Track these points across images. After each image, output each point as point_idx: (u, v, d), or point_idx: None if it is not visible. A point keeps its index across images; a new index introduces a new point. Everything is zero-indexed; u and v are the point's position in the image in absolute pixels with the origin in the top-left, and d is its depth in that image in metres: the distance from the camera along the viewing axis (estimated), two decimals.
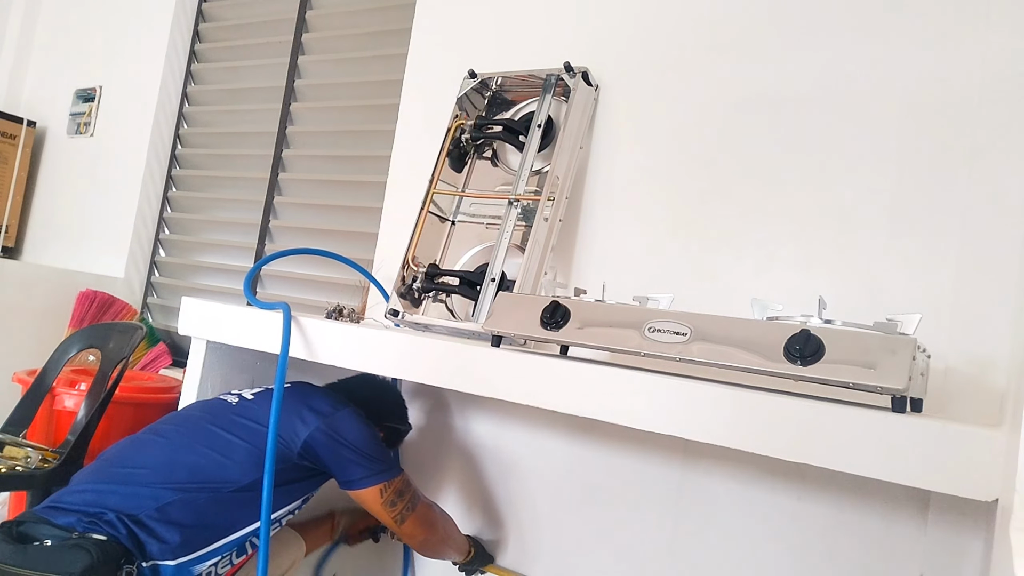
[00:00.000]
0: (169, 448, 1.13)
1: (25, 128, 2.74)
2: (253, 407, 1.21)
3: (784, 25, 1.34)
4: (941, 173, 1.17)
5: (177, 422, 1.21)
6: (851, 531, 1.15)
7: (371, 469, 1.17)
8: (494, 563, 1.50)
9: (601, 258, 1.48)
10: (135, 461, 1.11)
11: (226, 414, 1.19)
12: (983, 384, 1.08)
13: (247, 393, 1.26)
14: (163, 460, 1.11)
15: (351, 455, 1.16)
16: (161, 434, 1.18)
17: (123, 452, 1.15)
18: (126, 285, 2.51)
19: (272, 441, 1.09)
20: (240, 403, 1.22)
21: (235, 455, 1.12)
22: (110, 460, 1.13)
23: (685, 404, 0.86)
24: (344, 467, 1.16)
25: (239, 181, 2.40)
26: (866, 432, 0.75)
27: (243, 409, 1.20)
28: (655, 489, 1.33)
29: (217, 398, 1.28)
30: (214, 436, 1.14)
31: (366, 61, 2.15)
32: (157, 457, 1.11)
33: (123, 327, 1.81)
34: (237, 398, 1.25)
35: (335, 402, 1.22)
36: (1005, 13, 1.15)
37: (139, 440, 1.18)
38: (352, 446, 1.17)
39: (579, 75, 1.46)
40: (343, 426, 1.18)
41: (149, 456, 1.12)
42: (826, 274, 1.24)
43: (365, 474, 1.17)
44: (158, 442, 1.16)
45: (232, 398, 1.25)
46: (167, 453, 1.12)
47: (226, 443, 1.13)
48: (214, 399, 1.28)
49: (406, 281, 1.47)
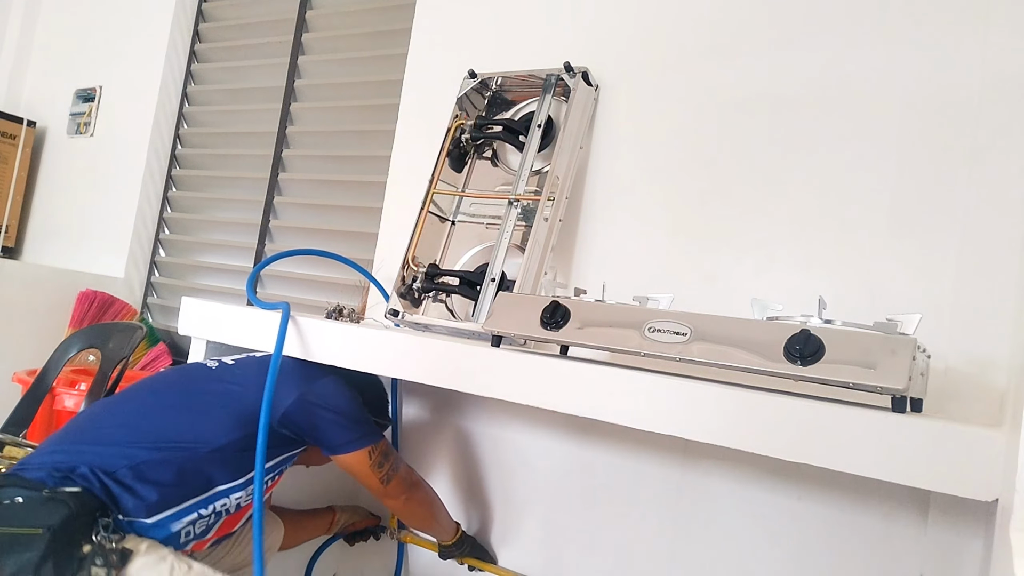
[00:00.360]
0: (143, 408, 1.12)
1: (25, 128, 2.74)
2: (233, 370, 1.20)
3: (784, 25, 1.34)
4: (941, 173, 1.17)
5: (152, 386, 1.20)
6: (851, 531, 1.15)
7: (357, 432, 1.18)
8: (494, 562, 1.50)
9: (601, 258, 1.48)
10: (107, 421, 1.10)
11: (205, 377, 1.19)
12: (983, 384, 1.08)
13: (228, 359, 1.25)
14: (137, 420, 1.09)
15: (335, 419, 1.17)
16: (134, 397, 1.16)
17: (94, 414, 1.14)
18: (126, 285, 2.51)
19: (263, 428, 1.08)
20: (220, 367, 1.22)
21: (212, 415, 1.11)
22: (79, 424, 1.11)
23: (685, 404, 0.86)
24: (328, 432, 1.16)
25: (239, 181, 2.40)
26: (866, 432, 0.75)
27: (222, 372, 1.19)
28: (655, 489, 1.33)
29: (197, 362, 1.27)
30: (191, 397, 1.14)
31: (366, 61, 2.15)
32: (130, 417, 1.10)
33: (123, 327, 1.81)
34: (217, 363, 1.24)
35: (316, 371, 1.21)
36: (1005, 13, 1.15)
37: (111, 402, 1.17)
38: (335, 410, 1.17)
39: (579, 75, 1.46)
40: (325, 392, 1.18)
41: (121, 416, 1.11)
42: (826, 274, 1.24)
43: (351, 437, 1.18)
44: (131, 403, 1.15)
45: (212, 363, 1.24)
46: (141, 413, 1.11)
47: (203, 404, 1.13)
48: (194, 363, 1.27)
49: (406, 281, 1.47)
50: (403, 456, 1.63)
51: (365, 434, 1.19)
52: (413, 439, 1.64)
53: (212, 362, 1.25)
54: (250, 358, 1.25)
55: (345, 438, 1.17)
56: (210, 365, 1.23)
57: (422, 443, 1.63)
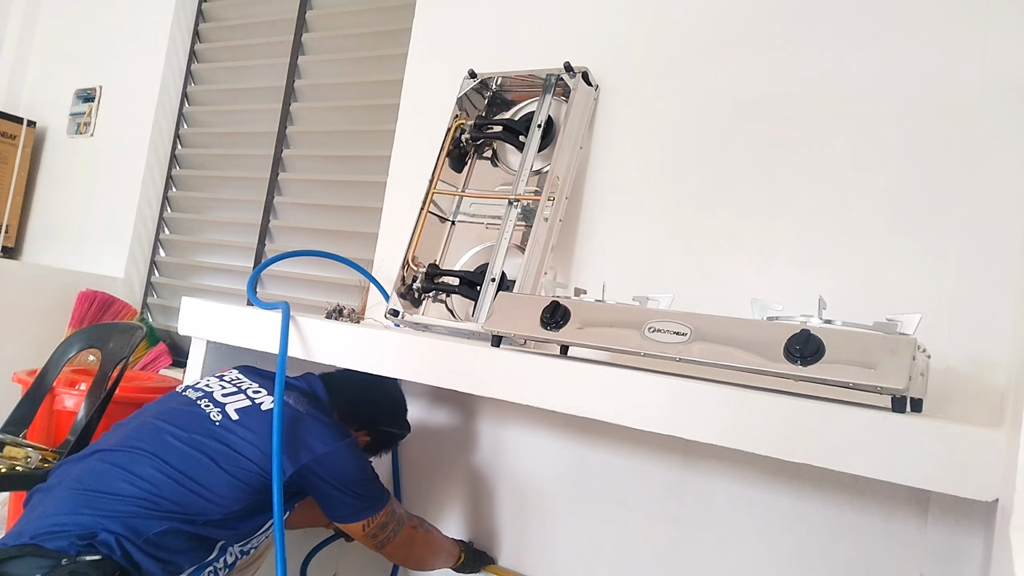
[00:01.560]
0: (155, 473, 1.08)
1: (25, 128, 2.74)
2: (239, 432, 1.14)
3: (784, 25, 1.34)
4: (941, 173, 1.17)
5: (155, 441, 1.13)
6: (851, 531, 1.15)
7: (355, 508, 1.17)
8: (494, 563, 1.50)
9: (601, 258, 1.48)
10: (116, 488, 1.05)
11: (208, 435, 1.13)
12: (983, 384, 1.08)
13: (231, 408, 1.19)
14: (150, 486, 1.06)
15: (338, 494, 1.15)
16: (143, 456, 1.10)
17: (99, 474, 1.08)
18: (126, 285, 2.51)
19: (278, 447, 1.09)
20: (224, 423, 1.16)
21: (219, 488, 1.08)
22: (85, 484, 1.06)
23: (685, 404, 0.86)
24: (329, 503, 1.16)
25: (239, 181, 2.40)
26: (866, 432, 0.75)
27: (226, 433, 1.14)
28: (655, 489, 1.33)
29: (196, 405, 1.20)
30: (195, 465, 1.09)
31: (366, 61, 2.15)
32: (137, 486, 1.06)
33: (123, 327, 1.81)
34: (220, 413, 1.18)
35: (330, 434, 1.18)
36: (1005, 13, 1.15)
37: (114, 459, 1.11)
38: (340, 487, 1.15)
39: (579, 75, 1.46)
40: (334, 466, 1.15)
41: (129, 484, 1.06)
42: (826, 274, 1.24)
43: (350, 512, 1.17)
44: (136, 466, 1.09)
45: (215, 412, 1.18)
46: (154, 479, 1.07)
47: (208, 473, 1.09)
48: (193, 404, 1.20)
49: (406, 281, 1.47)
50: (402, 457, 1.64)
51: (363, 508, 1.18)
52: (413, 439, 1.64)
53: (215, 411, 1.18)
54: (254, 409, 1.19)
55: (343, 511, 1.17)
56: (213, 417, 1.17)
57: (422, 443, 1.63)
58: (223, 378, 1.28)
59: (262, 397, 1.21)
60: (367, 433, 1.35)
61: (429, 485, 1.60)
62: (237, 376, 1.29)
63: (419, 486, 1.62)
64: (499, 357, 1.02)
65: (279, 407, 1.11)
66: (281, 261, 2.24)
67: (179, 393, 1.26)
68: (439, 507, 1.58)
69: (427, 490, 1.60)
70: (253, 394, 1.22)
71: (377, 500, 1.20)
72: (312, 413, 1.19)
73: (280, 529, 1.08)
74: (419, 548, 1.31)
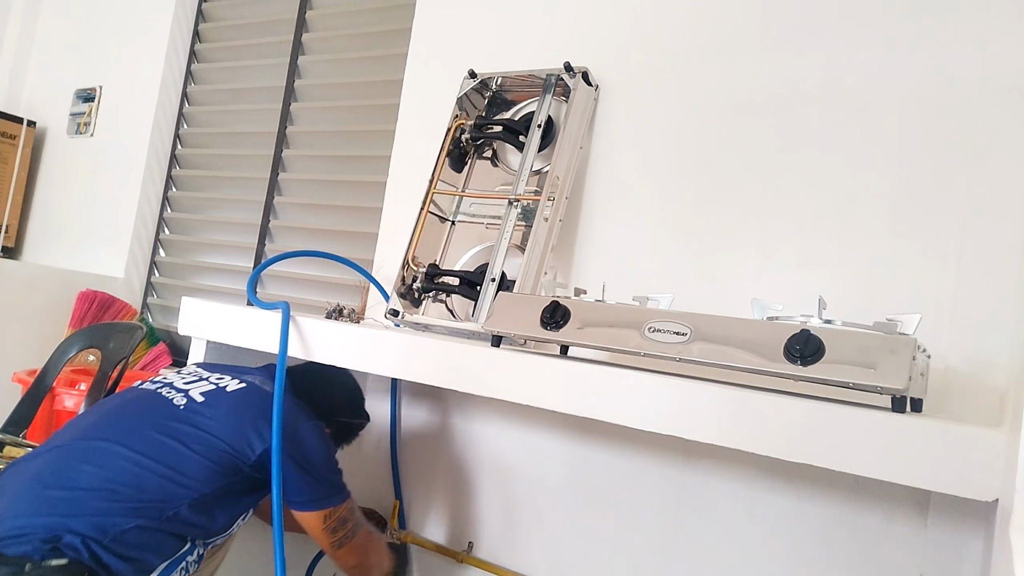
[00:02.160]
0: (118, 465, 1.03)
1: (25, 128, 2.74)
2: (204, 411, 1.12)
3: (784, 25, 1.34)
4: (941, 173, 1.17)
5: (117, 429, 1.09)
6: (851, 531, 1.15)
7: (318, 493, 1.14)
8: (407, 553, 1.54)
9: (601, 258, 1.48)
10: (78, 482, 1.01)
11: (172, 419, 1.10)
12: (983, 384, 1.08)
13: (195, 392, 1.16)
14: (113, 483, 1.01)
15: (303, 475, 1.12)
16: (99, 448, 1.06)
17: (59, 470, 1.03)
18: (126, 285, 2.51)
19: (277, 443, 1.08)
20: (189, 406, 1.13)
21: (187, 470, 1.05)
22: (45, 481, 1.01)
23: (685, 404, 0.86)
24: (292, 485, 1.11)
25: (239, 181, 2.40)
26: (866, 432, 0.75)
27: (192, 415, 1.11)
28: (655, 489, 1.33)
29: (157, 393, 1.16)
30: (164, 450, 1.06)
31: (366, 61, 2.15)
32: (106, 477, 1.01)
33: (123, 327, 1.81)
34: (184, 397, 1.15)
35: (300, 413, 1.16)
36: (1005, 13, 1.15)
37: (74, 452, 1.06)
38: (306, 465, 1.12)
39: (579, 75, 1.46)
40: (303, 442, 1.13)
41: (92, 476, 1.01)
42: (826, 274, 1.24)
43: (311, 497, 1.14)
44: (98, 457, 1.04)
45: (178, 397, 1.15)
46: (117, 472, 1.02)
47: (175, 455, 1.05)
48: (153, 392, 1.17)
49: (406, 281, 1.47)
50: (402, 457, 1.64)
51: (326, 495, 1.15)
52: (413, 439, 1.64)
53: (178, 396, 1.15)
54: (219, 391, 1.16)
55: (304, 496, 1.13)
56: (177, 402, 1.14)
57: (422, 443, 1.63)
58: (180, 372, 1.27)
59: (226, 381, 1.20)
60: (327, 425, 1.32)
61: (429, 485, 1.60)
62: (195, 369, 1.28)
63: (419, 486, 1.62)
64: (499, 357, 1.02)
65: (279, 406, 1.10)
66: (281, 261, 2.24)
67: (136, 387, 1.24)
68: (439, 507, 1.59)
69: (427, 490, 1.60)
70: (216, 380, 1.21)
71: (341, 490, 1.18)
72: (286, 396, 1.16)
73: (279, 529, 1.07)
74: (372, 556, 1.29)
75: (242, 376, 1.22)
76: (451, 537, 1.56)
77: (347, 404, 1.39)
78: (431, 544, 1.56)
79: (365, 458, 1.68)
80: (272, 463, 1.07)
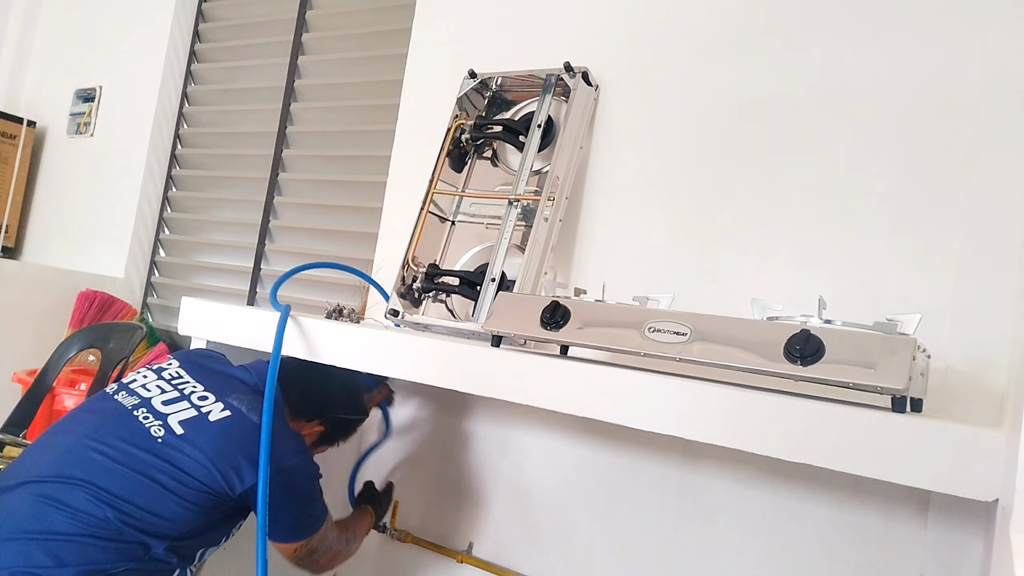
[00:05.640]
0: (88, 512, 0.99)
1: (25, 128, 2.74)
2: (184, 449, 1.06)
3: (784, 25, 1.34)
4: (941, 173, 1.17)
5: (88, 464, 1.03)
6: (851, 531, 1.15)
7: (295, 528, 1.15)
8: (390, 492, 1.57)
9: (601, 258, 1.48)
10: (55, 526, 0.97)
11: (148, 454, 1.05)
12: (983, 384, 1.08)
13: (174, 420, 1.09)
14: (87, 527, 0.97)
15: (281, 514, 1.11)
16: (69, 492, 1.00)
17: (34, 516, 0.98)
18: (126, 285, 2.51)
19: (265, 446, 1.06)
20: (166, 440, 1.07)
21: (165, 512, 1.02)
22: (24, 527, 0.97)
23: (685, 404, 0.86)
24: (272, 522, 1.10)
25: (239, 181, 2.40)
26: (866, 432, 0.75)
27: (170, 450, 1.06)
28: (655, 489, 1.33)
29: (132, 420, 1.09)
30: (138, 487, 1.02)
31: (366, 61, 2.15)
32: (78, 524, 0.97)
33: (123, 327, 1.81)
34: (162, 427, 1.08)
35: (289, 449, 1.13)
36: (1005, 13, 1.15)
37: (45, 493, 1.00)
38: (288, 505, 1.12)
39: (579, 75, 1.46)
40: (291, 482, 1.11)
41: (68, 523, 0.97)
42: (826, 274, 1.24)
43: (287, 532, 1.15)
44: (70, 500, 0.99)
45: (156, 426, 1.08)
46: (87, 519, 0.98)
47: (153, 497, 1.02)
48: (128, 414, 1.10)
49: (406, 281, 1.47)
50: (402, 458, 1.64)
51: (302, 530, 1.16)
52: (413, 439, 1.64)
53: (156, 425, 1.09)
54: (200, 420, 1.10)
55: (280, 531, 1.13)
56: (155, 433, 1.07)
57: (422, 443, 1.63)
58: (162, 374, 1.20)
59: (209, 405, 1.13)
60: (321, 423, 1.31)
61: (429, 485, 1.60)
62: (178, 371, 1.21)
63: (419, 486, 1.62)
64: (499, 357, 1.02)
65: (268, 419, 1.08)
66: (281, 260, 2.24)
67: (110, 397, 1.16)
68: (439, 507, 1.58)
69: (427, 490, 1.60)
70: (199, 400, 1.14)
71: (315, 522, 1.18)
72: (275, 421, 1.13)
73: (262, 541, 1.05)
74: (341, 559, 1.31)
75: (226, 397, 1.15)
76: (451, 537, 1.56)
77: (344, 400, 1.37)
78: (431, 544, 1.56)
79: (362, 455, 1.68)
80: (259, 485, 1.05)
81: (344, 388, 1.37)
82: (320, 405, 1.31)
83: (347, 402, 1.38)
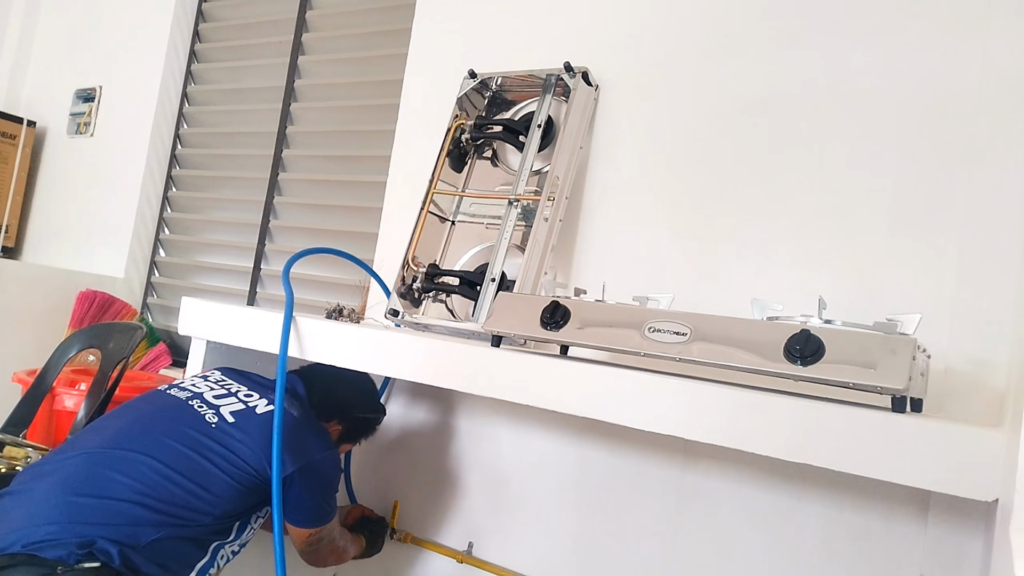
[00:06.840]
0: (150, 473, 1.07)
1: (25, 128, 2.73)
2: (235, 435, 1.15)
3: (784, 25, 1.34)
4: (941, 173, 1.17)
5: (147, 440, 1.12)
6: (851, 531, 1.15)
7: (314, 516, 1.23)
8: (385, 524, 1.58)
9: (601, 258, 1.48)
10: (110, 491, 1.04)
11: (204, 435, 1.13)
12: (983, 384, 1.08)
13: (226, 411, 1.18)
14: (146, 489, 1.05)
15: (311, 499, 1.20)
16: (130, 459, 1.08)
17: (90, 478, 1.06)
18: (126, 285, 2.50)
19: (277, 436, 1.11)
20: (219, 426, 1.15)
21: (214, 487, 1.09)
22: (76, 488, 1.04)
23: (685, 404, 0.86)
24: (300, 505, 1.19)
25: (239, 181, 2.40)
26: (866, 432, 0.75)
27: (223, 435, 1.14)
28: (655, 489, 1.33)
29: (188, 405, 1.19)
30: (192, 464, 1.10)
31: (366, 61, 2.15)
32: (132, 489, 1.04)
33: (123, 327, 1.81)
34: (215, 415, 1.17)
35: (323, 442, 1.23)
36: (1005, 13, 1.15)
37: (104, 460, 1.08)
38: (317, 492, 1.21)
39: (579, 75, 1.46)
40: (322, 472, 1.21)
41: (123, 487, 1.04)
42: (826, 274, 1.24)
43: (307, 518, 1.22)
44: (129, 467, 1.07)
45: (210, 414, 1.17)
46: (148, 480, 1.06)
47: (204, 473, 1.10)
48: (184, 404, 1.19)
49: (406, 281, 1.47)
50: (402, 458, 1.64)
51: (319, 518, 1.24)
52: (413, 439, 1.64)
53: (210, 413, 1.17)
54: (249, 413, 1.19)
55: (304, 516, 1.21)
56: (209, 419, 1.16)
57: (422, 443, 1.63)
58: (208, 379, 1.29)
59: (255, 400, 1.22)
60: (339, 422, 1.37)
61: (428, 485, 1.60)
62: (221, 377, 1.30)
63: (418, 486, 1.61)
64: (499, 357, 1.02)
65: (279, 410, 1.13)
66: (280, 260, 2.24)
67: (164, 392, 1.24)
68: (439, 507, 1.59)
69: (427, 490, 1.60)
70: (244, 397, 1.23)
71: (330, 513, 1.26)
72: (305, 418, 1.23)
73: (279, 532, 1.09)
74: (333, 561, 1.37)
75: (269, 394, 1.23)
76: (451, 537, 1.56)
77: (360, 400, 1.43)
78: (431, 544, 1.56)
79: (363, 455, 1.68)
80: (272, 472, 1.11)
81: (360, 389, 1.42)
82: (341, 406, 1.37)
83: (365, 402, 1.44)
